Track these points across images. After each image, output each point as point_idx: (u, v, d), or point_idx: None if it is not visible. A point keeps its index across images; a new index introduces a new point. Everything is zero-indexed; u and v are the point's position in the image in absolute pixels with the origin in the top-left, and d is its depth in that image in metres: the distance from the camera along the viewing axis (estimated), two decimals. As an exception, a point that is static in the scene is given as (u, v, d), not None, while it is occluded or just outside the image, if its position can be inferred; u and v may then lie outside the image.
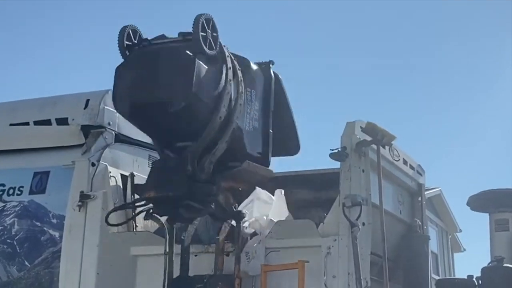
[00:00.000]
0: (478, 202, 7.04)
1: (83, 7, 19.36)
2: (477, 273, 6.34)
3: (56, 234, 6.64)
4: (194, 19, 5.29)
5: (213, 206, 5.49)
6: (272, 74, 6.00)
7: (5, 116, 7.34)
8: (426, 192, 7.50)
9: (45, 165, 6.93)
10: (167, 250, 5.95)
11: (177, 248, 6.00)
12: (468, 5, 19.32)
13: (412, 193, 7.19)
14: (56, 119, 6.99)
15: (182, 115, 5.25)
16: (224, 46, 5.54)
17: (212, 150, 5.45)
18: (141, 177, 6.69)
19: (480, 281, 6.25)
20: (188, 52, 5.26)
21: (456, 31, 20.70)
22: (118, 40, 5.51)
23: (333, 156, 5.88)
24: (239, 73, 5.62)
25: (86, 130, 6.85)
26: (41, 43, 20.94)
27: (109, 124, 6.88)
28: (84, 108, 6.91)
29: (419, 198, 7.21)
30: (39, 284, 6.58)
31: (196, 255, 6.09)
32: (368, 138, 6.01)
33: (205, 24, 5.33)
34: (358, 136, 5.97)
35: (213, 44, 5.38)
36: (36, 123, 7.09)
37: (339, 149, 5.87)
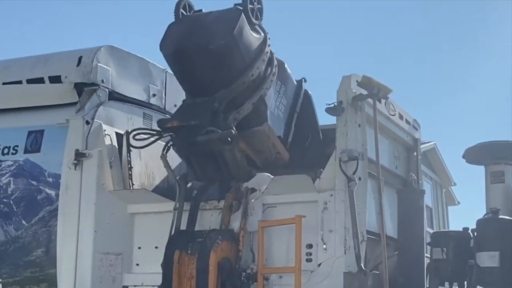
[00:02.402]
0: (474, 155, 7.05)
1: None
2: (472, 225, 6.39)
3: (52, 192, 6.63)
4: None
5: (232, 131, 5.67)
6: (303, 89, 6.71)
7: (-3, 75, 7.26)
8: (421, 146, 7.51)
9: (39, 124, 6.88)
10: (177, 206, 6.01)
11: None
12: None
13: (408, 148, 7.20)
14: (49, 77, 6.93)
15: (219, 58, 5.64)
16: (267, 32, 6.11)
17: (239, 107, 5.80)
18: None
19: (475, 233, 6.29)
20: (236, 7, 5.83)
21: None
22: (175, 11, 6.03)
23: (329, 110, 5.87)
24: (275, 61, 6.14)
25: (79, 88, 6.79)
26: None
27: (102, 81, 6.82)
28: (77, 66, 6.83)
29: (415, 153, 7.21)
30: (37, 243, 6.60)
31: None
32: (364, 92, 5.98)
33: None
34: (354, 90, 5.94)
35: (258, 15, 6.01)
36: (29, 81, 7.03)
37: (335, 104, 5.85)
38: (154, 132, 6.23)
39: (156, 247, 6.19)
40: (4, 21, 20.75)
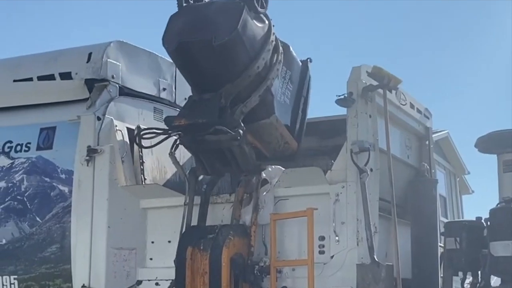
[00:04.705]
0: (486, 144, 6.98)
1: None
2: (485, 215, 6.36)
3: (66, 189, 6.67)
4: None
5: (240, 132, 5.61)
6: (309, 71, 6.50)
7: (8, 72, 7.31)
8: (433, 135, 7.46)
9: (51, 121, 6.92)
10: (187, 200, 6.02)
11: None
12: None
13: (420, 137, 7.16)
14: (60, 74, 6.96)
15: (224, 53, 5.52)
16: (271, 19, 5.95)
17: (245, 100, 5.72)
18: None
19: (488, 222, 6.26)
20: (238, 1, 5.66)
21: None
22: (177, 2, 5.86)
23: (339, 102, 5.84)
24: (281, 48, 6.00)
25: (90, 84, 6.81)
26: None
27: (112, 77, 6.84)
28: (87, 62, 6.85)
29: (427, 142, 7.17)
30: (51, 239, 6.65)
31: (206, 206, 6.11)
32: (374, 83, 5.94)
33: None
34: (364, 81, 5.91)
35: (264, 3, 5.84)
36: (40, 78, 7.06)
37: (345, 95, 5.82)
38: (162, 131, 6.16)
39: (169, 241, 6.21)
40: (14, 18, 20.83)
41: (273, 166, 6.12)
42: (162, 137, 6.20)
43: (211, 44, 5.49)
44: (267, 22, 5.94)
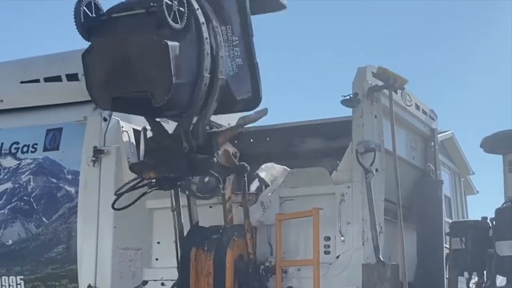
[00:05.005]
0: (491, 144, 6.99)
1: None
2: (490, 215, 6.36)
3: (72, 189, 6.70)
4: None
5: (214, 173, 5.44)
6: None
7: (15, 73, 7.34)
8: (438, 136, 7.47)
9: (57, 122, 6.95)
10: (174, 206, 6.00)
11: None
12: None
13: (425, 138, 7.17)
14: (67, 75, 6.98)
15: (166, 105, 5.08)
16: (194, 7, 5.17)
17: (203, 113, 5.34)
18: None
19: (494, 222, 6.27)
20: (158, 38, 4.90)
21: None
22: (75, 20, 5.18)
23: (345, 102, 5.85)
24: (213, 22, 5.30)
25: (96, 85, 6.83)
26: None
27: (119, 78, 6.85)
28: (93, 63, 6.87)
29: (432, 143, 7.18)
30: (57, 240, 6.68)
31: (211, 207, 6.13)
32: (380, 83, 5.96)
33: None
34: (369, 82, 5.92)
35: (178, 17, 4.98)
36: (47, 79, 7.09)
37: (351, 95, 5.84)
38: (134, 188, 5.81)
39: (175, 242, 6.23)
40: (14, 18, 20.86)
41: (269, 164, 6.13)
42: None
43: (151, 103, 4.99)
44: (193, 24, 5.14)
